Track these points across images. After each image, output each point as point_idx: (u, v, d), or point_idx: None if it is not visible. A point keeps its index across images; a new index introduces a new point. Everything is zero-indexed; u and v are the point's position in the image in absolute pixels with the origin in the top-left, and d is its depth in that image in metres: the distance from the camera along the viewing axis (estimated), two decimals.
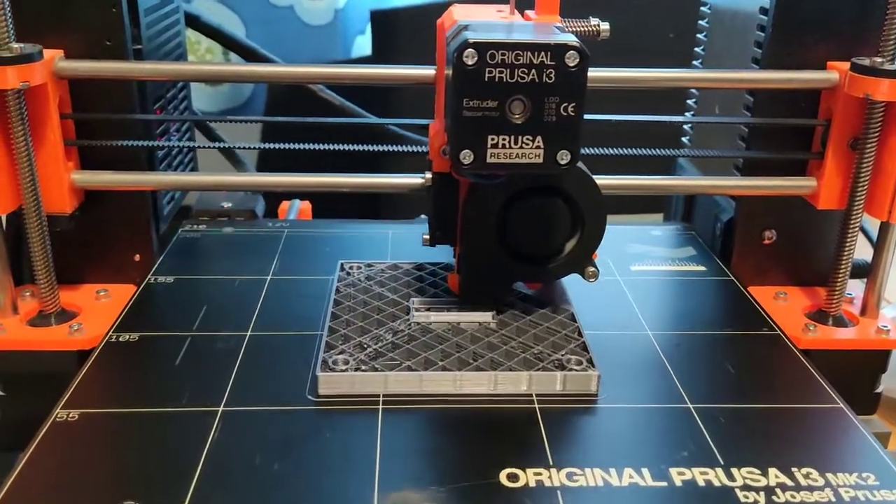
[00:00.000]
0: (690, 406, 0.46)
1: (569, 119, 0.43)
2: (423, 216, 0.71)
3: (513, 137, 0.43)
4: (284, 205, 0.87)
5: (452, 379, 0.46)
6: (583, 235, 0.49)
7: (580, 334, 0.51)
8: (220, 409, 0.44)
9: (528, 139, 0.43)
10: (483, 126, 0.42)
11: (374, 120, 0.83)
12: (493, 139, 0.43)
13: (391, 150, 0.60)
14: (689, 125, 0.75)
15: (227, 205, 0.71)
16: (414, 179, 0.55)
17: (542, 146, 0.43)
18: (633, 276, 0.61)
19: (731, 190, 0.61)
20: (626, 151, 0.57)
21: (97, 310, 0.55)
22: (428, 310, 0.53)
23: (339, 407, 0.45)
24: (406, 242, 0.67)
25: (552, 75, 0.42)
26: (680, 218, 0.75)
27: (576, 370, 0.47)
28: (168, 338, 0.51)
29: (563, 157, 0.43)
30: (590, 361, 0.48)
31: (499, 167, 0.44)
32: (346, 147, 0.57)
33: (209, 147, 0.61)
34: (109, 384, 0.47)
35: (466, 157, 0.43)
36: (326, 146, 0.57)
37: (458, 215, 0.50)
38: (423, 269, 0.59)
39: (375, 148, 0.58)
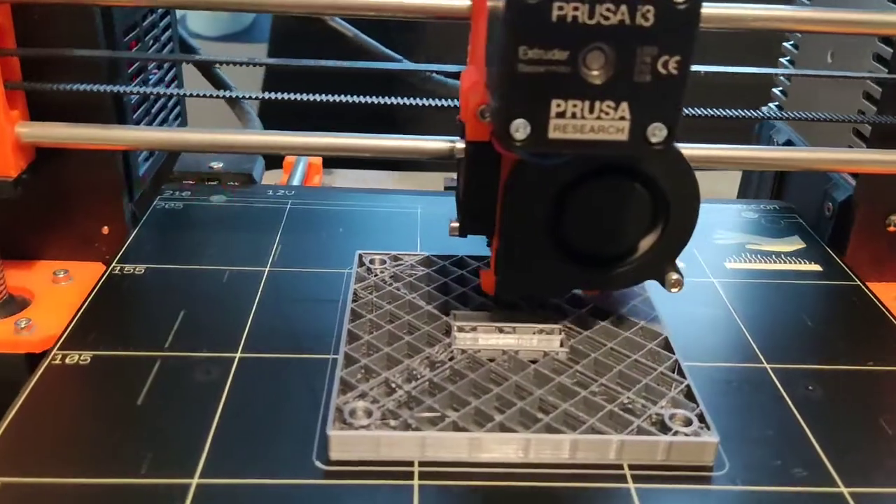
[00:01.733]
0: (844, 490, 0.33)
1: (669, 80, 0.31)
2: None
3: (588, 104, 0.31)
4: (290, 158, 0.74)
5: (516, 443, 0.34)
6: (665, 231, 0.38)
7: (682, 373, 0.38)
8: (194, 481, 0.32)
9: (609, 106, 0.31)
10: (546, 87, 0.31)
11: (393, 65, 0.68)
12: (559, 105, 0.31)
13: (417, 103, 0.46)
14: (785, 78, 0.61)
15: (216, 165, 0.57)
16: (439, 144, 0.43)
17: (628, 117, 0.31)
18: (732, 279, 0.48)
19: (861, 166, 0.47)
20: (701, 111, 0.45)
21: (54, 297, 0.44)
22: (474, 329, 0.40)
23: (358, 481, 0.32)
24: (440, 223, 0.53)
25: (650, 15, 0.30)
26: (769, 191, 0.61)
27: (684, 433, 0.34)
28: (130, 360, 0.38)
29: (657, 134, 0.31)
30: (702, 419, 0.35)
31: (564, 145, 0.32)
32: (360, 99, 0.45)
33: (192, 95, 0.48)
34: (42, 434, 0.35)
35: (520, 129, 0.31)
36: (338, 98, 0.45)
37: (499, 198, 0.37)
38: (466, 266, 0.45)
39: (399, 101, 0.45)
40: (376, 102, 0.45)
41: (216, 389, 0.37)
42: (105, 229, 0.48)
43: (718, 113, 0.47)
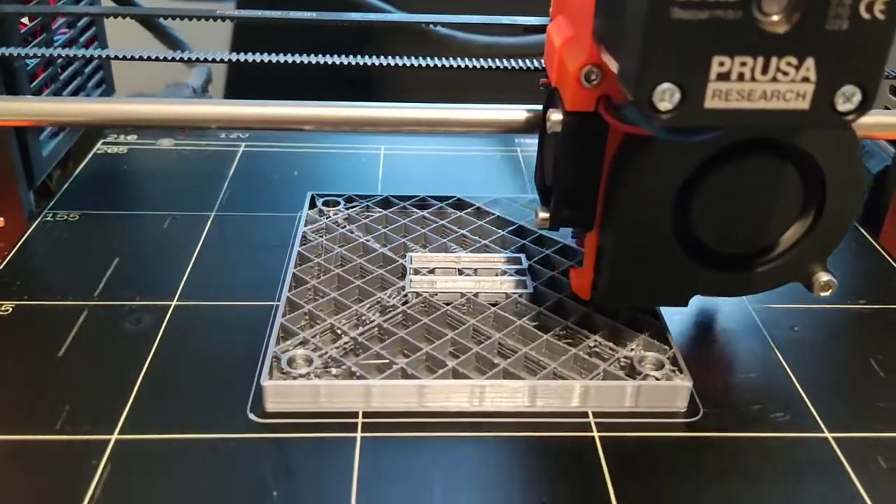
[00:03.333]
0: (829, 435, 0.30)
1: (873, 28, 0.23)
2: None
3: (762, 61, 0.23)
4: None
5: (469, 390, 0.30)
6: (817, 222, 0.30)
7: (657, 315, 0.35)
8: (113, 437, 0.29)
9: (789, 64, 0.23)
10: (707, 38, 0.23)
11: (395, 16, 0.57)
12: (722, 64, 0.23)
13: (439, 64, 0.38)
14: None
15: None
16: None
17: (813, 77, 0.24)
18: None
19: None
20: None
21: None
22: (431, 272, 0.37)
23: (296, 434, 0.29)
24: (404, 164, 0.50)
25: None
26: None
27: (654, 377, 0.31)
28: (55, 311, 0.35)
29: (850, 98, 0.24)
30: (674, 362, 0.32)
31: (724, 116, 0.24)
32: (354, 61, 0.36)
33: (98, 56, 0.40)
34: None
35: (667, 97, 0.23)
36: (323, 59, 0.37)
37: (602, 182, 0.30)
38: (427, 207, 0.42)
39: (408, 61, 0.37)
40: (376, 64, 0.36)
41: (146, 340, 0.34)
42: (0, 221, 0.41)
43: None
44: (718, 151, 0.28)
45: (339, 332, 0.33)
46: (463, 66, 0.37)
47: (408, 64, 0.37)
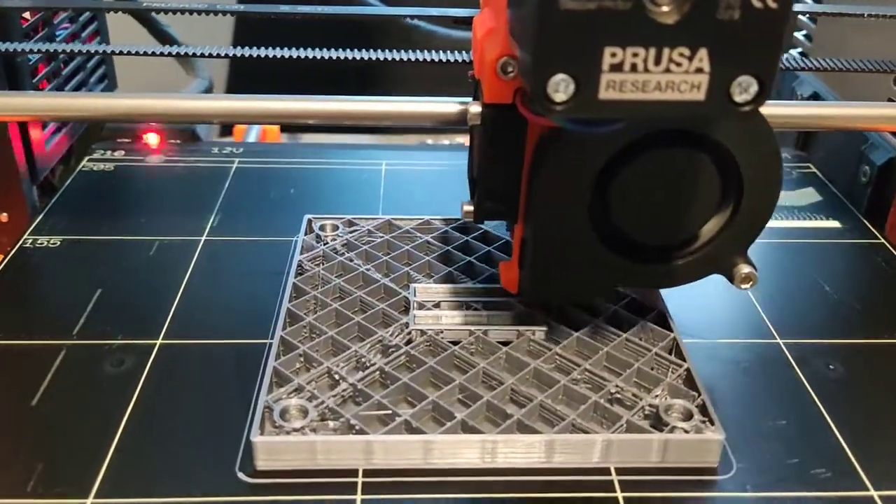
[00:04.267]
0: (874, 494, 0.28)
1: (766, 17, 0.23)
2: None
3: (654, 52, 0.23)
4: (241, 125, 0.67)
5: (479, 445, 0.28)
6: (736, 213, 0.30)
7: (681, 354, 0.32)
8: (88, 501, 0.26)
9: (682, 55, 0.23)
10: (597, 29, 0.23)
11: (383, 10, 0.59)
12: (614, 55, 0.23)
13: (410, 58, 0.39)
14: (808, 16, 0.53)
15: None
16: (447, 107, 0.35)
17: (707, 68, 0.23)
18: None
19: None
20: None
21: None
22: (437, 305, 0.34)
23: (290, 496, 0.27)
24: (407, 181, 0.47)
25: None
26: (791, 154, 0.54)
27: (682, 429, 0.28)
28: (30, 352, 0.33)
29: (746, 89, 0.24)
30: (704, 411, 0.29)
31: (619, 108, 0.24)
32: (343, 54, 0.38)
33: (100, 52, 0.40)
34: None
35: (562, 87, 0.23)
36: (315, 53, 0.38)
37: (524, 176, 0.30)
38: (432, 230, 0.39)
39: (389, 55, 0.38)
40: (364, 59, 0.38)
41: (128, 385, 0.31)
42: (3, 217, 0.41)
43: None
44: (633, 143, 0.28)
45: (336, 377, 0.30)
46: (447, 60, 0.38)
47: (390, 59, 0.38)
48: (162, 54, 0.39)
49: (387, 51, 0.39)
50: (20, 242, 0.39)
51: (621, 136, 0.28)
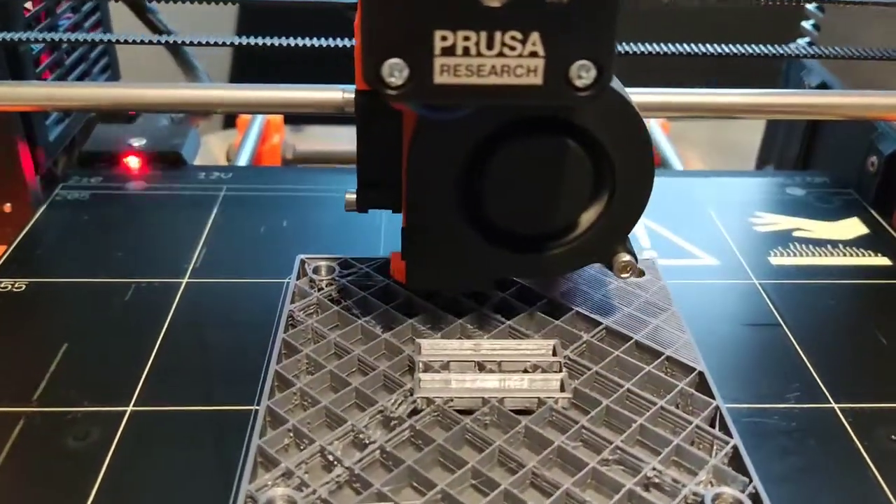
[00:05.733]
0: None
1: (596, 1, 0.23)
2: None
3: (485, 35, 0.23)
4: (244, 116, 0.63)
5: None
6: (611, 202, 0.30)
7: (726, 426, 0.28)
8: None
9: (514, 38, 0.23)
10: (426, 13, 0.23)
11: None
12: (444, 39, 0.23)
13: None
14: (817, 5, 0.51)
15: (137, 143, 0.46)
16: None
17: (541, 52, 0.24)
18: (779, 279, 0.38)
19: None
20: (715, 49, 0.38)
21: None
22: (445, 367, 0.30)
23: None
24: None
25: None
26: (799, 144, 0.51)
27: None
28: None
29: (584, 75, 0.24)
30: (756, 500, 0.25)
31: (456, 93, 0.24)
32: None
33: (102, 41, 0.38)
34: None
35: (396, 73, 0.24)
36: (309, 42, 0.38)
37: (403, 164, 0.30)
38: None
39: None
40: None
41: (93, 461, 0.27)
42: (7, 207, 0.41)
43: (736, 50, 0.39)
44: (499, 130, 0.28)
45: (330, 458, 0.26)
46: None
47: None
48: (161, 43, 0.39)
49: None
50: None
51: (486, 124, 0.28)
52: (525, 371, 0.30)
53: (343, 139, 0.85)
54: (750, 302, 0.36)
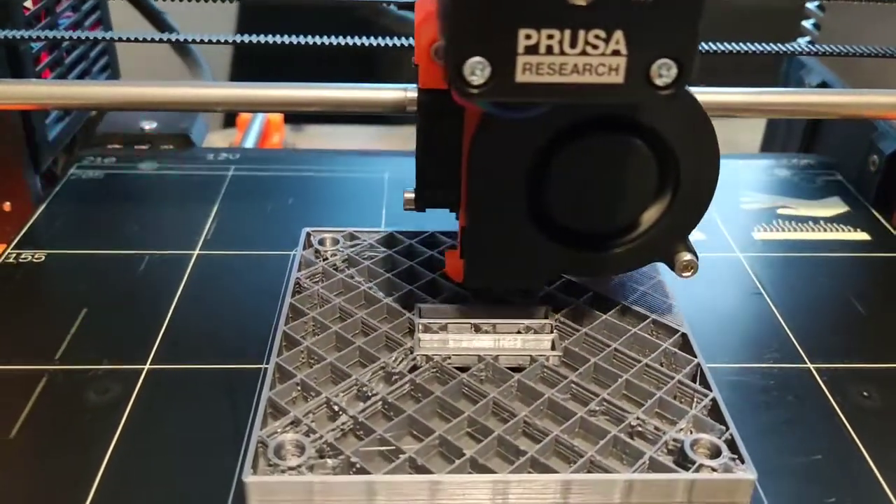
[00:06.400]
0: None
1: None
2: None
3: (569, 34, 0.23)
4: (245, 115, 0.65)
5: (490, 486, 0.26)
6: (674, 201, 0.30)
7: (706, 382, 0.30)
8: None
9: (597, 37, 0.23)
10: (512, 11, 0.23)
11: None
12: (528, 37, 0.23)
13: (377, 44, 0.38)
14: (817, 4, 0.52)
15: (148, 126, 0.48)
16: (390, 94, 0.35)
17: (624, 51, 0.23)
18: (762, 252, 0.40)
19: None
20: (713, 46, 0.39)
21: None
22: (444, 328, 0.32)
23: None
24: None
25: None
26: (799, 143, 0.52)
27: (710, 467, 0.26)
28: (9, 378, 0.30)
29: (665, 73, 0.24)
30: (733, 447, 0.27)
31: (537, 91, 0.24)
32: (329, 41, 0.37)
33: (102, 39, 0.39)
34: None
35: (477, 70, 0.23)
36: (303, 39, 0.37)
37: (463, 163, 0.30)
38: (437, 245, 0.37)
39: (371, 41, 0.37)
40: (360, 45, 0.37)
41: (112, 415, 0.29)
42: (6, 206, 0.41)
43: (736, 48, 0.39)
44: (566, 129, 0.28)
45: (336, 408, 0.28)
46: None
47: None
48: (163, 41, 0.38)
49: (379, 38, 0.38)
50: (2, 257, 0.37)
51: (555, 122, 0.28)
52: (518, 332, 0.32)
53: (342, 138, 0.87)
54: (733, 273, 0.38)
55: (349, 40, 0.38)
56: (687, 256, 0.30)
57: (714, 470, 0.26)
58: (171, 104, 0.37)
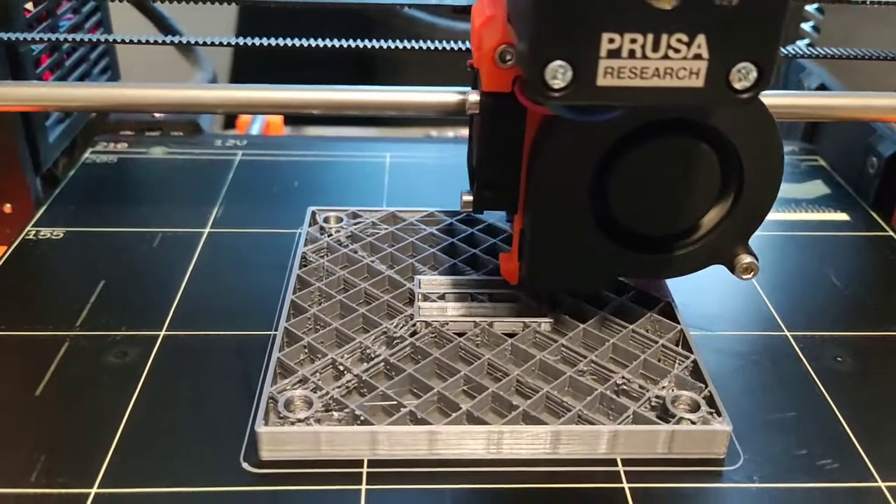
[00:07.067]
0: (882, 485, 0.28)
1: (765, 2, 0.23)
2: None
3: (651, 38, 0.23)
4: (244, 117, 0.67)
5: (485, 436, 0.28)
6: (737, 203, 0.30)
7: (688, 346, 0.32)
8: (92, 491, 0.26)
9: (680, 41, 0.23)
10: (595, 15, 0.23)
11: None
12: (612, 41, 0.23)
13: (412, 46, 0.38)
14: (816, 6, 0.52)
15: (158, 113, 0.50)
16: (446, 97, 0.34)
17: (705, 55, 0.23)
18: None
19: None
20: None
21: None
22: (442, 297, 0.34)
23: (295, 486, 0.27)
24: (411, 173, 0.47)
25: None
26: (798, 134, 0.54)
27: (689, 420, 0.28)
28: (33, 343, 0.32)
29: (745, 77, 0.23)
30: (711, 402, 0.29)
31: (618, 95, 0.24)
32: (346, 43, 0.37)
33: (103, 41, 0.39)
34: None
35: (559, 74, 0.23)
36: (316, 42, 0.37)
37: (523, 166, 0.30)
38: (437, 223, 0.39)
39: (389, 44, 0.38)
40: (363, 47, 0.37)
41: (131, 375, 0.31)
42: (7, 207, 0.41)
43: None
44: (632, 132, 0.28)
45: (341, 368, 0.30)
46: (443, 48, 0.38)
47: (383, 47, 0.38)
48: (164, 43, 0.39)
49: (387, 41, 0.38)
50: (23, 234, 0.39)
51: (620, 125, 0.28)
52: (513, 301, 0.34)
53: None
54: None
55: (350, 42, 0.38)
56: (747, 259, 0.30)
57: (693, 423, 0.28)
58: (172, 105, 0.36)
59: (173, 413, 0.29)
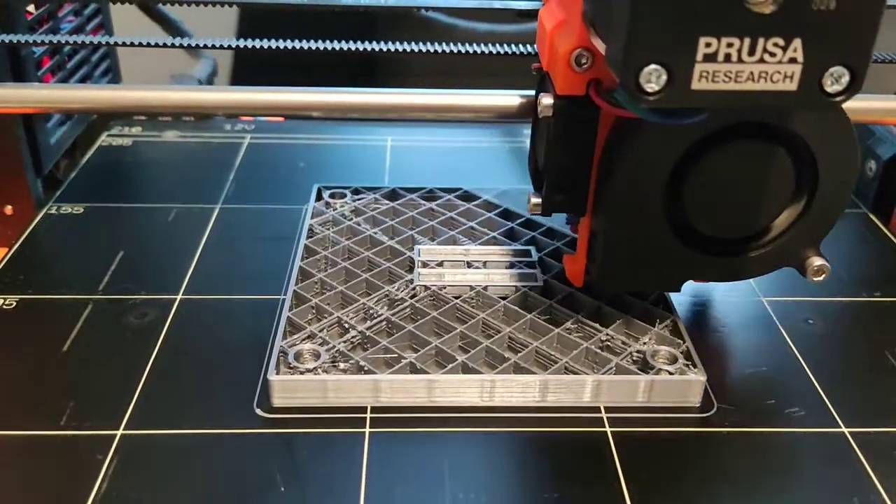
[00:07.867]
0: (845, 430, 0.30)
1: (862, 6, 0.23)
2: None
3: (748, 42, 0.23)
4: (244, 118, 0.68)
5: (479, 385, 0.30)
6: (809, 207, 0.30)
7: (669, 307, 0.34)
8: (119, 432, 0.29)
9: (776, 45, 0.23)
10: (693, 19, 0.23)
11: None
12: (709, 45, 0.23)
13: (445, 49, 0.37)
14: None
15: None
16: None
17: (801, 59, 0.23)
18: None
19: None
20: None
21: None
22: (440, 265, 0.36)
23: (304, 429, 0.29)
24: (411, 156, 0.49)
25: None
26: None
27: (667, 371, 0.31)
28: (59, 304, 0.35)
29: (838, 80, 0.24)
30: (688, 356, 0.31)
31: (711, 98, 0.24)
32: (377, 46, 0.37)
33: (104, 43, 0.40)
34: None
35: (654, 78, 0.23)
36: (322, 45, 0.37)
37: (593, 167, 0.30)
38: (435, 199, 0.42)
39: (420, 47, 0.37)
40: (380, 50, 0.36)
41: (151, 334, 0.33)
42: (8, 209, 0.42)
43: None
44: (709, 135, 0.28)
45: (346, 326, 0.32)
46: (465, 51, 0.37)
47: (409, 49, 0.37)
48: (165, 45, 0.38)
49: (411, 42, 0.37)
50: (45, 210, 0.42)
51: (699, 128, 0.28)
52: (507, 268, 0.36)
53: None
54: None
55: (360, 45, 0.37)
56: (819, 261, 0.30)
57: (671, 374, 0.30)
58: (173, 108, 0.36)
59: (192, 365, 0.32)
